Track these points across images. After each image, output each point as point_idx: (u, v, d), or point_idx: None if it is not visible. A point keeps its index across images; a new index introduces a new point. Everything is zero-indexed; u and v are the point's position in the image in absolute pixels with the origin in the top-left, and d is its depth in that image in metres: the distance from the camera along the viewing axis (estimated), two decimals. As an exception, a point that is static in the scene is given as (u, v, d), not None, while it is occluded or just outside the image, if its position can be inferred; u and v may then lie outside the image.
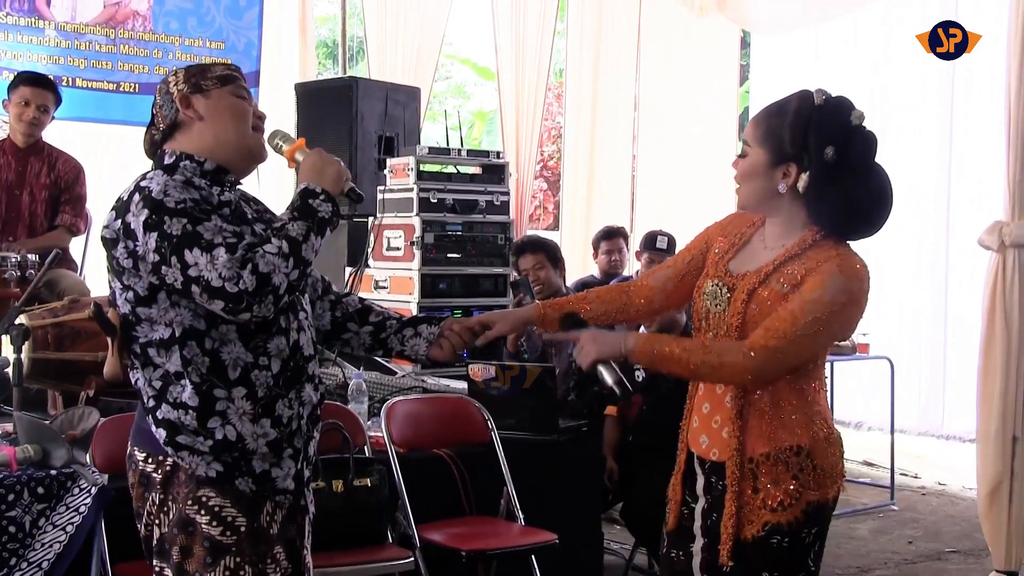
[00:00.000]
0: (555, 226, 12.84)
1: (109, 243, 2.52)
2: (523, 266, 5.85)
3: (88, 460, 3.50)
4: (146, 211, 2.41)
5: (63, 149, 5.95)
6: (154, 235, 2.40)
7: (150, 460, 2.57)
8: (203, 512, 2.53)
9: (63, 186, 5.78)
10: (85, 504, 3.28)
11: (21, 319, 4.20)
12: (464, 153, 6.60)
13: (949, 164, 8.97)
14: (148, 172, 2.58)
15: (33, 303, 4.53)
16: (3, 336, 4.29)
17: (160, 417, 2.53)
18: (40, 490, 3.27)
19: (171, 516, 2.54)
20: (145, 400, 2.58)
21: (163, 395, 2.53)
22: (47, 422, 3.69)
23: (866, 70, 9.63)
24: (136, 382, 2.60)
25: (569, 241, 9.72)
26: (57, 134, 6.12)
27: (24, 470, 3.29)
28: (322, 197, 2.55)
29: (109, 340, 2.61)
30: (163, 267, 2.39)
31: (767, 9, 9.01)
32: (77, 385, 4.42)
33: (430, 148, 6.59)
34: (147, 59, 7.35)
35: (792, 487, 2.65)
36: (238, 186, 2.74)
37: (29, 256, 5.10)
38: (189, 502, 2.53)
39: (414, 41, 8.81)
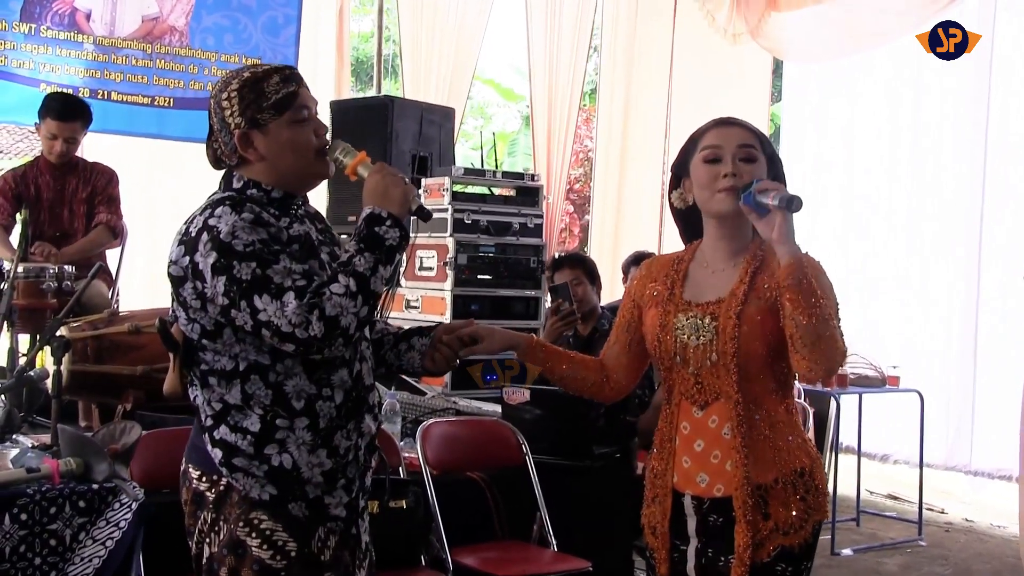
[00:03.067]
0: (581, 250, 12.84)
1: (176, 280, 2.50)
2: (559, 281, 5.87)
3: (128, 475, 3.50)
4: (214, 253, 2.40)
5: (97, 160, 6.01)
6: (223, 279, 2.39)
7: (204, 479, 2.55)
8: (254, 535, 2.51)
9: (97, 191, 5.82)
10: (125, 519, 3.28)
11: (62, 331, 4.22)
12: (499, 175, 6.63)
13: (983, 196, 8.93)
14: (215, 197, 2.58)
15: (70, 315, 4.55)
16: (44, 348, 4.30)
17: (217, 438, 2.52)
18: (82, 504, 3.27)
19: (222, 536, 2.52)
20: (203, 419, 2.56)
21: (223, 417, 2.53)
22: (90, 435, 3.69)
23: (898, 97, 9.64)
24: (195, 399, 2.58)
25: (597, 264, 9.69)
26: (91, 146, 6.18)
27: (66, 483, 3.30)
28: (388, 223, 2.49)
29: (172, 356, 2.64)
30: (232, 311, 2.39)
31: (801, 39, 9.04)
32: (115, 398, 4.44)
33: (466, 169, 6.61)
34: (183, 74, 7.39)
35: (802, 508, 2.66)
36: (304, 206, 2.71)
37: (66, 268, 5.13)
38: (241, 523, 2.51)
39: (449, 61, 8.83)
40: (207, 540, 2.55)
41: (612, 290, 8.90)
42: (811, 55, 9.47)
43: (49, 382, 4.04)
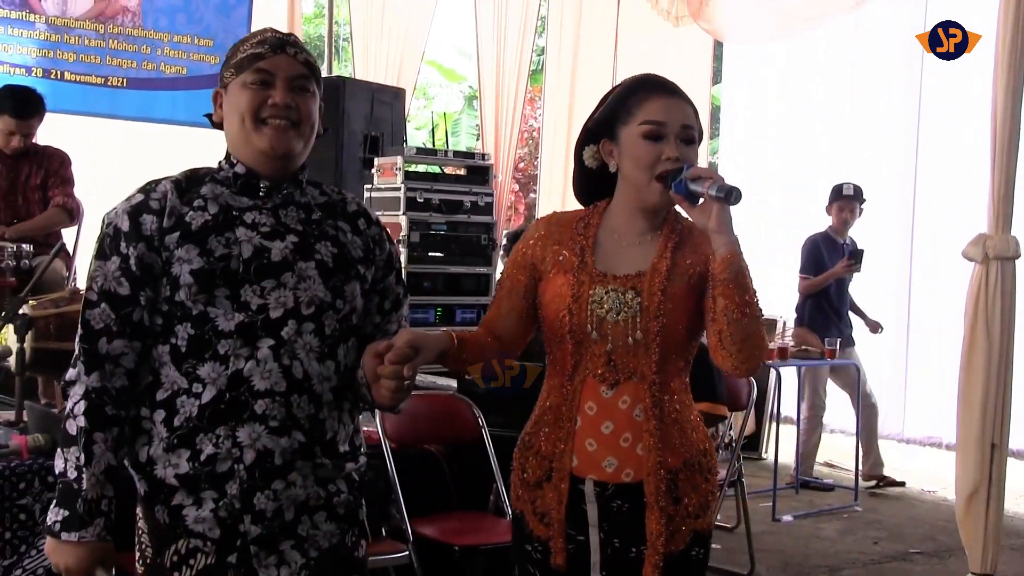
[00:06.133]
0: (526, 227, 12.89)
1: None
2: None
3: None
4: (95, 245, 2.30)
5: (49, 143, 5.94)
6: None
7: None
8: (137, 531, 2.33)
9: (50, 173, 5.77)
10: (93, 493, 3.26)
11: (24, 309, 4.18)
12: (451, 155, 6.63)
13: (915, 175, 9.07)
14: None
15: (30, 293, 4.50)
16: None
17: None
18: (49, 479, 3.25)
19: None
20: None
21: None
22: (55, 411, 3.67)
23: (834, 78, 9.74)
24: None
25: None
26: (44, 127, 6.08)
27: (35, 459, 3.29)
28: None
29: None
30: None
31: (739, 22, 9.09)
32: (77, 375, 4.40)
33: (417, 149, 6.61)
34: (135, 55, 7.32)
35: (706, 490, 2.51)
36: (287, 191, 2.35)
37: (23, 247, 5.08)
38: (137, 513, 2.33)
39: (398, 42, 8.81)
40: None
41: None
42: (750, 37, 9.52)
43: (12, 359, 4.01)
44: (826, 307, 7.48)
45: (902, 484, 7.50)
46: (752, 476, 7.14)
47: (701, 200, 2.35)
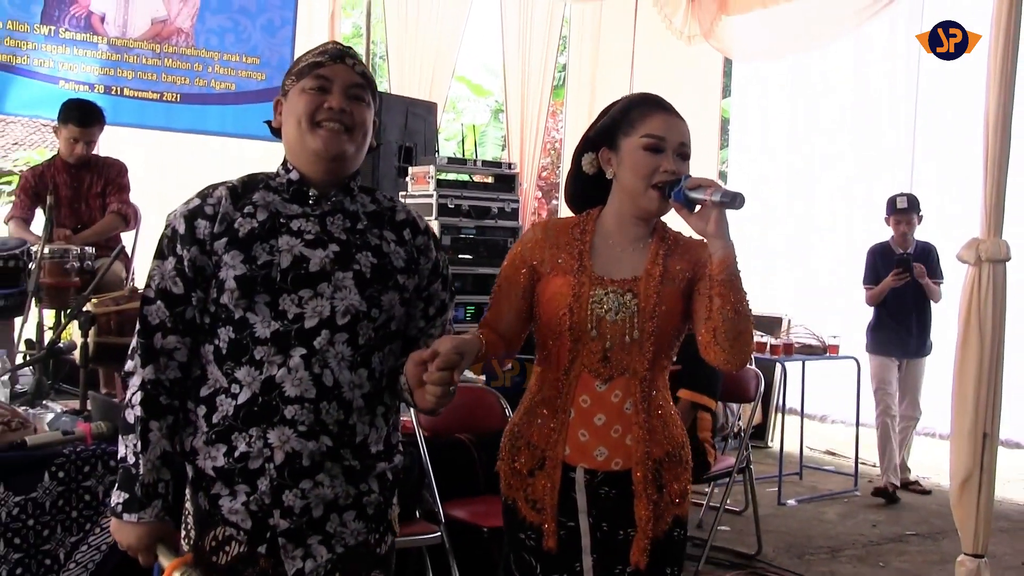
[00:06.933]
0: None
1: None
2: None
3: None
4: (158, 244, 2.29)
5: (108, 153, 6.01)
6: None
7: None
8: (184, 512, 2.32)
9: (109, 182, 5.83)
10: (152, 477, 3.28)
11: (87, 306, 4.21)
12: (479, 164, 6.63)
13: (911, 181, 9.02)
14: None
15: (93, 293, 4.54)
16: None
17: None
18: (112, 463, 3.27)
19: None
20: None
21: None
22: (116, 401, 3.69)
23: (836, 92, 9.70)
24: None
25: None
26: (105, 138, 6.14)
27: (98, 444, 3.31)
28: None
29: None
30: None
31: (747, 41, 9.07)
32: (135, 368, 4.43)
33: (449, 159, 6.61)
34: (188, 72, 7.35)
35: (685, 479, 2.55)
36: (336, 198, 2.30)
37: (87, 249, 5.12)
38: (186, 495, 2.32)
39: (430, 60, 8.82)
40: None
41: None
42: (757, 55, 9.50)
43: (77, 353, 4.04)
44: (885, 318, 7.15)
45: (929, 492, 7.13)
46: (759, 463, 7.12)
47: (698, 207, 2.36)
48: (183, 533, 2.29)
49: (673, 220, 2.55)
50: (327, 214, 2.29)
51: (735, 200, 2.29)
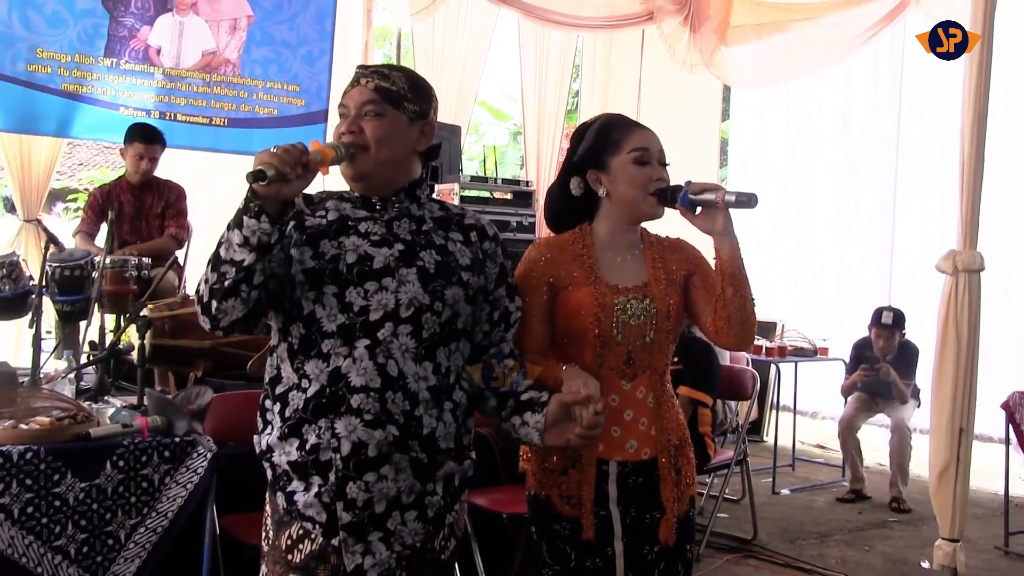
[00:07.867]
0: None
1: None
2: None
3: (202, 430, 3.54)
4: None
5: (162, 172, 6.08)
6: None
7: None
8: (264, 515, 2.26)
9: (169, 204, 5.91)
10: (202, 467, 3.32)
11: (144, 311, 4.26)
12: (499, 182, 6.66)
13: (894, 198, 9.04)
14: None
15: (149, 299, 4.59)
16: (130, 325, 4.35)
17: None
18: (167, 454, 3.31)
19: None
20: None
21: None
22: (170, 397, 3.73)
23: (827, 116, 9.71)
24: None
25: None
26: (162, 160, 6.17)
27: (154, 437, 3.33)
28: (248, 194, 2.05)
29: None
30: None
31: (744, 69, 9.06)
32: (188, 367, 4.48)
33: (472, 177, 6.64)
34: (235, 99, 7.39)
35: (692, 462, 2.60)
36: (402, 204, 2.24)
37: (143, 260, 5.17)
38: (266, 499, 2.26)
39: (455, 87, 8.84)
40: None
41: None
42: (754, 82, 9.50)
43: (135, 354, 4.08)
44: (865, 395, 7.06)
45: (910, 511, 6.71)
46: (755, 456, 7.13)
47: (699, 209, 2.39)
48: (263, 535, 2.22)
49: (674, 221, 2.58)
50: (394, 219, 2.23)
51: (750, 200, 2.32)
